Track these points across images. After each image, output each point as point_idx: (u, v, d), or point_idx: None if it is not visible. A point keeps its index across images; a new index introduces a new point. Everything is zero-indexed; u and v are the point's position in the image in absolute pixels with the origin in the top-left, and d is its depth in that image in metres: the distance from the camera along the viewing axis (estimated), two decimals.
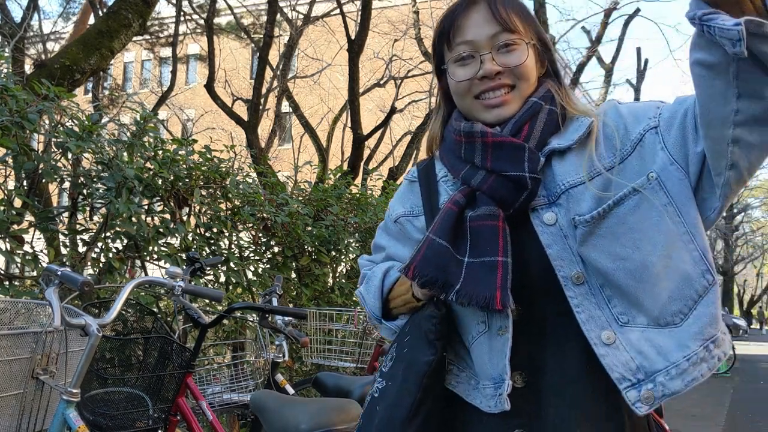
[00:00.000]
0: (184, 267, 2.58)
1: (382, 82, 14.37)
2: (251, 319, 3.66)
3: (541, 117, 1.11)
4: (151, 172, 3.30)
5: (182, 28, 12.45)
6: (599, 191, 1.04)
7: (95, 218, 3.35)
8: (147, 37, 13.02)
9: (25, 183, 3.04)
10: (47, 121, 2.96)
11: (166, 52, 14.55)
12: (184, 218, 3.58)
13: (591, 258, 1.03)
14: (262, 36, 10.45)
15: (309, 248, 4.45)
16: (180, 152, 3.53)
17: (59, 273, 1.82)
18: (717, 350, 1.00)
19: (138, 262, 3.39)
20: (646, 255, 1.01)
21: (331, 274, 4.91)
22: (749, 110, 0.92)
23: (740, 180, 0.99)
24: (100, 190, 3.11)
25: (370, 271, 1.31)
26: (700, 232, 1.03)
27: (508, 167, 1.07)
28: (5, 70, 3.28)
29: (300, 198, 4.63)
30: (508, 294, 1.02)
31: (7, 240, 2.76)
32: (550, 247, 1.05)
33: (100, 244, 3.14)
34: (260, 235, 4.17)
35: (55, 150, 2.96)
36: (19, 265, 2.85)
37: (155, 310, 2.96)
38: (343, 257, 4.95)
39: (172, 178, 3.38)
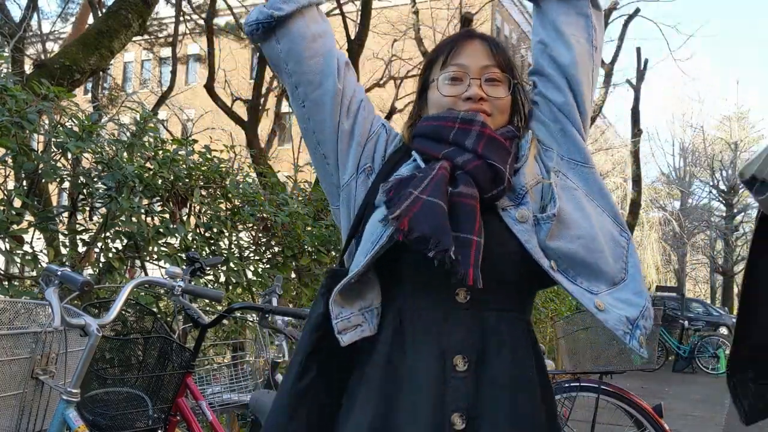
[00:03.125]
0: (184, 267, 2.58)
1: (382, 82, 14.35)
2: (251, 319, 3.65)
3: (515, 143, 1.25)
4: (151, 172, 3.30)
5: (181, 28, 12.44)
6: (545, 191, 1.20)
7: (95, 218, 3.35)
8: (147, 37, 13.01)
9: (24, 183, 3.04)
10: (47, 121, 2.96)
11: (166, 52, 14.54)
12: (184, 218, 3.58)
13: (557, 246, 1.15)
14: None
15: (309, 248, 4.44)
16: (180, 152, 3.53)
17: (59, 273, 1.82)
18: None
19: (138, 262, 3.39)
20: (590, 229, 1.17)
21: None
22: None
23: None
24: (100, 190, 3.11)
25: None
26: (606, 200, 1.24)
27: (495, 158, 1.17)
28: (5, 70, 3.28)
29: (300, 198, 4.63)
30: (479, 272, 1.08)
31: (7, 240, 2.76)
32: (528, 242, 1.14)
33: (100, 244, 3.14)
34: (260, 235, 4.17)
35: (55, 150, 2.95)
36: (19, 265, 2.85)
37: (155, 310, 2.95)
38: None
39: (172, 178, 3.38)
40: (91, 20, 9.43)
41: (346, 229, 1.27)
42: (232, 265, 3.72)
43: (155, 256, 3.37)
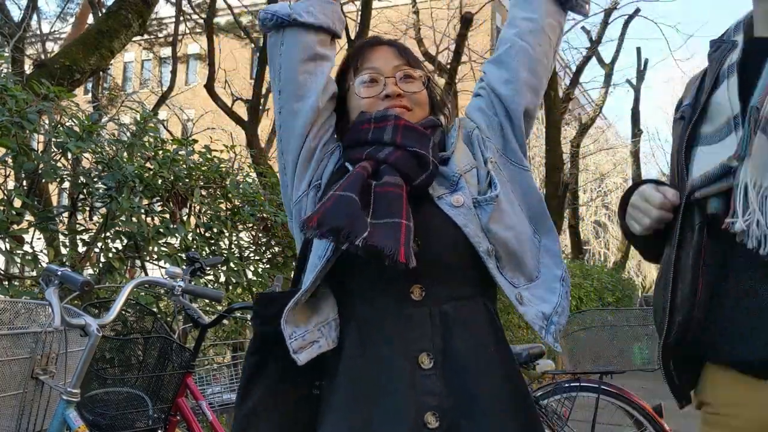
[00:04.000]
0: (184, 267, 2.57)
1: None
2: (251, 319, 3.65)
3: (438, 132, 1.29)
4: (151, 172, 3.30)
5: (181, 28, 12.44)
6: (482, 177, 1.23)
7: (95, 218, 3.35)
8: (147, 36, 13.01)
9: (24, 183, 3.04)
10: (47, 121, 2.96)
11: (166, 51, 14.54)
12: (184, 218, 3.58)
13: (495, 230, 1.18)
14: (261, 36, 10.44)
15: None
16: (180, 152, 3.53)
17: (59, 273, 1.82)
18: (567, 284, 1.25)
19: (138, 262, 3.39)
20: (519, 223, 1.22)
21: None
22: None
23: None
24: (100, 190, 3.11)
25: None
26: (528, 201, 1.28)
27: (415, 145, 1.20)
28: (5, 70, 3.28)
29: None
30: (411, 251, 1.08)
31: (7, 240, 2.75)
32: (467, 226, 1.16)
33: (100, 244, 3.14)
34: (260, 235, 4.17)
35: (55, 150, 2.95)
36: (19, 265, 2.85)
37: (155, 310, 2.95)
38: None
39: (172, 178, 3.38)
40: (91, 20, 9.43)
41: (300, 246, 1.29)
42: (232, 265, 3.72)
43: (155, 256, 3.37)
